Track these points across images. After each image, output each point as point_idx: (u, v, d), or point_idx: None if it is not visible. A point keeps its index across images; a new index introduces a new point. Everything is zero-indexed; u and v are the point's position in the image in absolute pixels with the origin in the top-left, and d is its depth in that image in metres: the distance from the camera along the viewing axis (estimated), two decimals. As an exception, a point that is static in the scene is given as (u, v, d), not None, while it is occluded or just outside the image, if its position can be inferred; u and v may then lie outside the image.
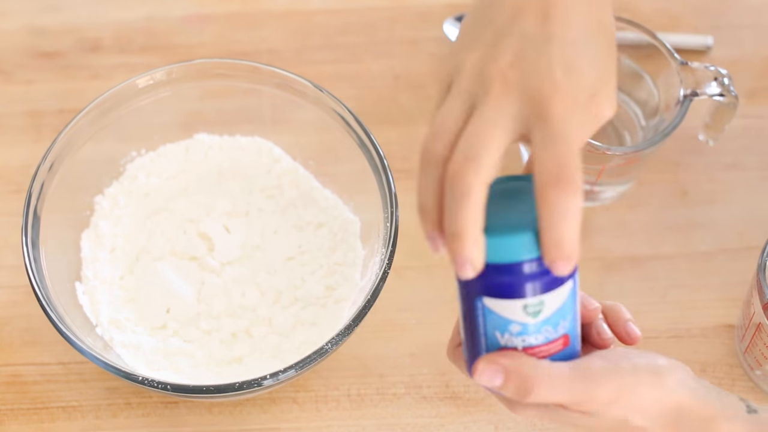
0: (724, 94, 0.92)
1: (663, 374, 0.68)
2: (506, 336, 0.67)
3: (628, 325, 0.72)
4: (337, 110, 0.92)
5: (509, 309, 0.66)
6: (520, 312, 0.66)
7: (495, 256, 0.64)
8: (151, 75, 0.93)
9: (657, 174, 1.01)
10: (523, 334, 0.67)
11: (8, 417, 0.91)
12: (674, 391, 0.68)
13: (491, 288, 0.65)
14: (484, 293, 0.66)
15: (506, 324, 0.66)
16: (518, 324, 0.66)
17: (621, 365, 0.67)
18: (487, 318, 0.66)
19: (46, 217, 0.89)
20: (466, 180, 0.62)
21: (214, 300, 0.92)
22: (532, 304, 0.66)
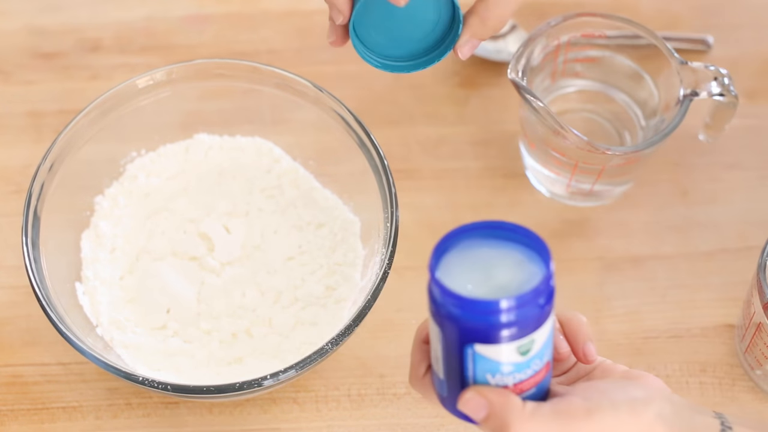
0: (724, 94, 0.92)
1: (640, 409, 0.67)
2: (497, 376, 0.66)
3: (587, 346, 0.72)
4: (337, 110, 0.92)
5: (503, 352, 0.65)
6: (513, 353, 0.65)
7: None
8: (151, 75, 0.93)
9: (657, 174, 1.01)
10: (514, 372, 0.66)
11: (8, 417, 0.91)
12: (651, 425, 0.67)
13: (484, 336, 0.65)
14: (476, 341, 0.65)
15: (498, 366, 0.66)
16: (510, 365, 0.66)
17: (601, 405, 0.67)
18: (477, 363, 0.66)
19: (47, 218, 0.89)
20: None
21: (215, 300, 0.92)
22: (524, 344, 0.65)
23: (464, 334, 0.65)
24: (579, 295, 0.96)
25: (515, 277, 0.65)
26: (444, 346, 0.66)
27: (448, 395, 0.68)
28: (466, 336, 0.65)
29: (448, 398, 0.68)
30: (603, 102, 1.01)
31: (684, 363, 0.94)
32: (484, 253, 0.66)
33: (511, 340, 0.64)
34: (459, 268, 0.65)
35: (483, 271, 0.65)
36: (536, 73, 0.97)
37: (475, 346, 0.65)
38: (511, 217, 0.99)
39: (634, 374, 0.70)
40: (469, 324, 0.64)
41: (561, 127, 0.90)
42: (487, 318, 0.64)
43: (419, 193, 1.00)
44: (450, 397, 0.68)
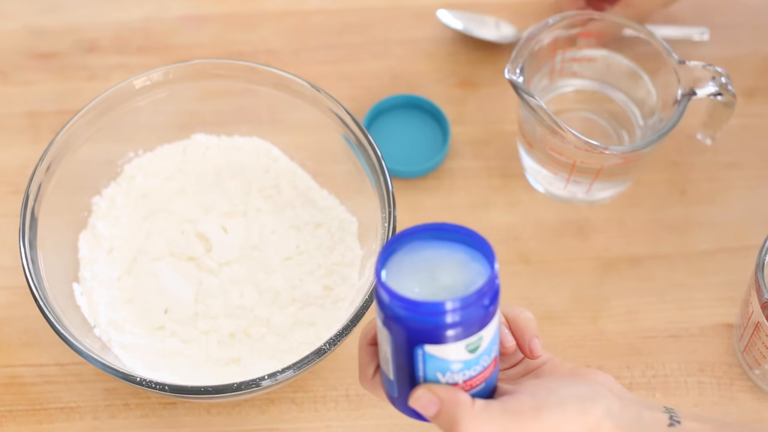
0: (722, 93, 0.92)
1: (588, 407, 0.68)
2: (447, 374, 0.67)
3: (533, 341, 0.72)
4: (334, 110, 0.92)
5: (453, 351, 0.66)
6: (462, 351, 0.66)
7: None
8: (149, 75, 0.93)
9: (655, 173, 1.01)
10: (464, 370, 0.67)
11: (6, 418, 0.91)
12: (599, 423, 0.68)
13: (433, 337, 0.65)
14: (426, 342, 0.65)
15: (447, 365, 0.67)
16: (459, 362, 0.67)
17: (548, 402, 0.68)
18: (427, 363, 0.67)
19: (44, 218, 0.89)
20: None
21: (212, 300, 0.92)
22: (473, 342, 0.66)
23: (413, 335, 0.65)
24: (577, 294, 0.96)
25: (461, 277, 0.66)
26: (393, 348, 0.67)
27: (399, 395, 0.69)
28: (415, 338, 0.65)
29: (399, 398, 0.69)
30: (601, 101, 1.01)
31: (682, 362, 0.94)
32: (429, 255, 0.67)
33: (459, 339, 0.65)
34: (405, 270, 0.66)
35: (429, 272, 0.66)
36: (534, 72, 0.97)
37: (424, 346, 0.66)
38: (511, 217, 0.99)
39: (582, 371, 0.71)
40: (418, 326, 0.65)
41: (559, 127, 0.90)
42: (435, 319, 0.64)
43: (417, 193, 1.00)
44: (400, 397, 0.69)
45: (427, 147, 1.02)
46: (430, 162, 1.00)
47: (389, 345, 0.67)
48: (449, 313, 0.64)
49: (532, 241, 0.99)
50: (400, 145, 1.02)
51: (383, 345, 0.68)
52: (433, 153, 1.01)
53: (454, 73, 1.06)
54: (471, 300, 0.64)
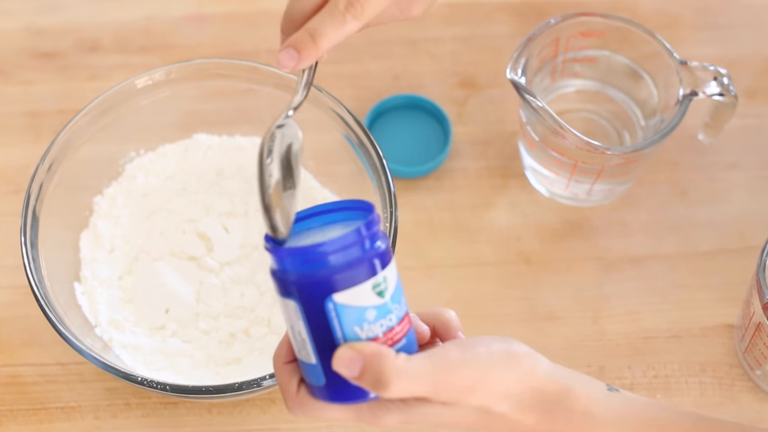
0: (724, 94, 0.92)
1: (518, 357, 0.68)
2: (365, 326, 0.67)
3: (459, 335, 0.72)
4: (336, 110, 0.92)
5: (361, 295, 0.66)
6: (370, 294, 0.66)
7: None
8: (150, 75, 0.93)
9: (656, 174, 1.01)
10: (380, 318, 0.67)
11: (7, 418, 0.91)
12: (531, 371, 0.68)
13: (337, 280, 0.66)
14: (333, 290, 0.66)
15: (363, 313, 0.66)
16: (373, 309, 0.67)
17: (477, 351, 0.67)
18: (342, 316, 0.66)
19: (45, 218, 0.89)
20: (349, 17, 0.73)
21: (213, 300, 0.92)
22: (378, 282, 0.67)
23: (319, 287, 0.66)
24: (578, 294, 0.96)
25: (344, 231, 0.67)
26: (305, 319, 0.67)
27: (327, 378, 0.68)
28: (321, 289, 0.66)
29: (327, 382, 0.68)
30: (602, 102, 1.01)
31: (683, 363, 0.94)
32: (315, 230, 0.70)
33: (362, 279, 0.66)
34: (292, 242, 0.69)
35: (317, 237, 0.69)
36: (535, 72, 0.97)
37: (333, 297, 0.66)
38: (512, 217, 0.99)
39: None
40: (319, 273, 0.66)
41: (560, 127, 0.90)
42: (330, 260, 0.66)
43: (418, 192, 1.00)
44: (329, 379, 0.68)
45: (429, 147, 1.02)
46: (432, 162, 1.00)
47: (301, 320, 0.67)
48: (340, 250, 0.66)
49: (533, 241, 0.98)
50: (402, 145, 1.02)
51: (296, 326, 0.67)
52: (435, 153, 1.01)
53: (455, 74, 1.06)
54: (355, 235, 0.66)
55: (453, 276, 0.97)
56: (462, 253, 0.98)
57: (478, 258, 0.98)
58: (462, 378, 0.67)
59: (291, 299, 0.67)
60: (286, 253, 0.67)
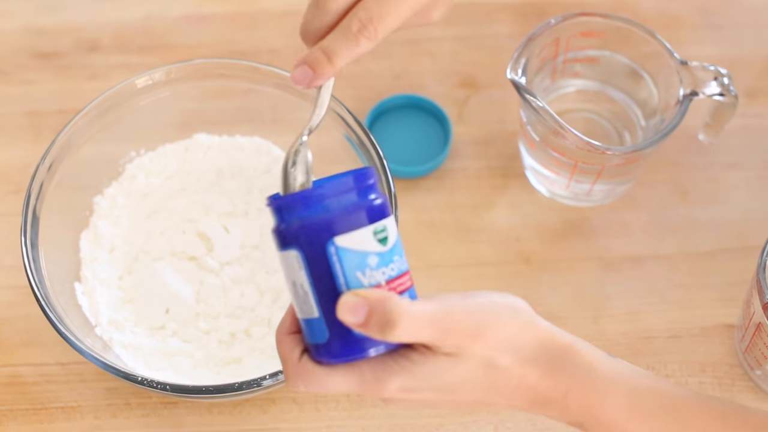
0: (724, 94, 0.92)
1: (519, 309, 0.69)
2: (368, 272, 0.66)
3: None
4: (336, 110, 0.92)
5: (363, 240, 0.66)
6: (372, 240, 0.66)
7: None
8: (150, 75, 0.93)
9: (657, 174, 1.01)
10: (382, 266, 0.67)
11: (7, 417, 0.91)
12: (532, 322, 0.69)
13: (339, 223, 0.66)
14: (334, 233, 0.66)
15: (365, 258, 0.66)
16: (375, 255, 0.66)
17: (478, 300, 0.67)
18: (344, 260, 0.66)
19: (45, 218, 0.89)
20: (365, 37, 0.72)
21: (213, 300, 0.92)
22: (379, 229, 0.67)
23: (320, 230, 0.66)
24: (578, 294, 0.96)
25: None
26: (308, 267, 0.66)
27: (330, 333, 0.67)
28: (323, 232, 0.66)
29: (331, 338, 0.67)
30: (603, 102, 1.01)
31: (683, 363, 0.94)
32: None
33: (363, 223, 0.66)
34: None
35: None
36: (536, 72, 0.97)
37: (335, 240, 0.66)
38: (512, 217, 0.99)
39: None
40: (320, 216, 0.66)
41: (561, 127, 0.90)
42: (332, 201, 0.66)
43: (419, 192, 1.00)
44: (332, 333, 0.67)
45: (429, 147, 1.02)
46: (432, 162, 1.00)
47: (303, 269, 0.66)
48: (341, 192, 0.66)
49: (533, 241, 0.98)
50: (402, 145, 1.02)
51: (298, 279, 0.67)
52: (435, 153, 1.01)
53: (456, 74, 1.06)
54: (353, 180, 0.67)
55: (453, 276, 0.97)
56: (462, 253, 0.98)
57: (478, 258, 0.98)
58: (466, 324, 0.66)
59: (292, 249, 0.66)
60: (288, 201, 0.67)
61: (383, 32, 0.73)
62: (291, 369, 0.68)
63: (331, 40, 0.73)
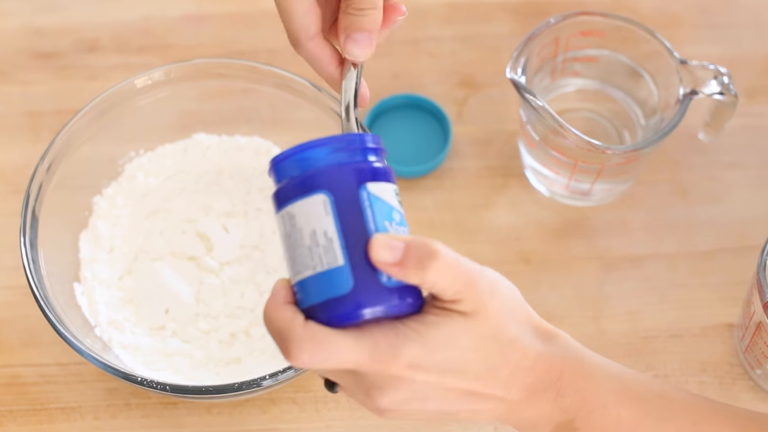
0: (724, 93, 0.92)
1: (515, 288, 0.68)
2: (394, 226, 0.65)
3: None
4: (336, 110, 0.92)
5: (388, 193, 0.65)
6: (394, 197, 0.66)
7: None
8: (149, 75, 0.93)
9: (657, 173, 1.01)
10: (403, 225, 0.66)
11: (7, 418, 0.91)
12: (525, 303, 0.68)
13: (373, 171, 0.65)
14: (367, 179, 0.65)
15: (390, 210, 0.65)
16: (397, 211, 0.66)
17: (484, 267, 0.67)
18: (375, 206, 0.64)
19: (45, 218, 0.89)
20: None
21: (213, 300, 0.92)
22: (398, 191, 0.67)
23: (356, 174, 0.65)
24: (578, 294, 0.96)
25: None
26: (337, 211, 0.64)
27: (355, 279, 0.64)
28: (358, 175, 0.65)
29: (356, 285, 0.64)
30: (602, 101, 1.01)
31: (684, 362, 0.93)
32: None
33: (388, 179, 0.66)
34: None
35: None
36: (535, 72, 0.97)
37: (367, 185, 0.65)
38: (512, 217, 0.99)
39: None
40: (358, 161, 0.65)
41: (560, 127, 0.89)
42: (368, 150, 0.66)
43: (418, 192, 1.00)
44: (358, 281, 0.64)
45: (429, 147, 1.02)
46: (432, 162, 1.00)
47: (330, 213, 0.64)
48: (373, 144, 0.66)
49: (533, 240, 0.98)
50: (402, 145, 1.02)
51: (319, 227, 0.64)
52: (435, 153, 1.01)
53: (455, 73, 1.06)
54: (379, 140, 0.67)
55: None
56: (462, 253, 0.96)
57: (477, 257, 0.96)
58: (486, 280, 0.66)
59: (320, 193, 0.64)
60: (324, 144, 0.65)
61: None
62: (296, 334, 0.63)
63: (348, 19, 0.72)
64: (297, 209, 0.65)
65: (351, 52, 0.72)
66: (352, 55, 0.72)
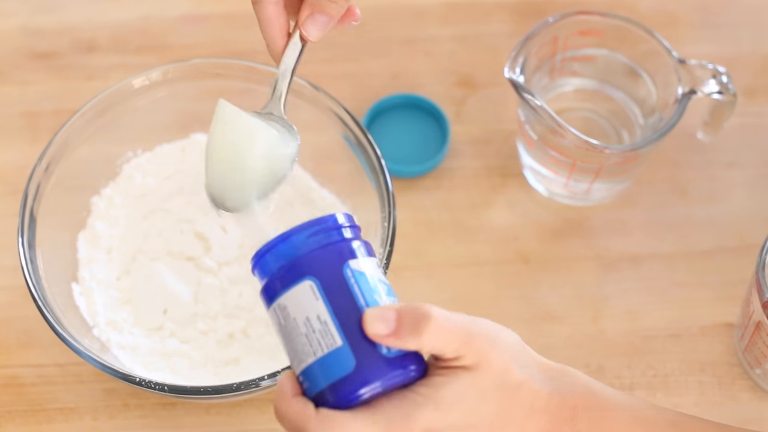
0: (723, 92, 0.92)
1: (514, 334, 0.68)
2: (383, 297, 0.66)
3: None
4: (334, 110, 0.92)
5: (371, 266, 0.66)
6: (377, 270, 0.67)
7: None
8: (147, 75, 0.93)
9: (655, 172, 1.01)
10: (390, 295, 0.67)
11: (5, 419, 0.91)
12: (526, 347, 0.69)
13: (353, 247, 0.66)
14: (349, 256, 0.66)
15: (376, 283, 0.66)
16: (383, 283, 0.67)
17: (482, 319, 0.67)
18: (360, 282, 0.65)
19: (43, 218, 0.88)
20: None
21: (211, 300, 0.92)
22: (377, 263, 0.67)
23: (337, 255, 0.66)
24: (577, 294, 0.96)
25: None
26: (326, 294, 0.65)
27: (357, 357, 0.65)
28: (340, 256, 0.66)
29: (358, 363, 0.65)
30: (601, 100, 1.01)
31: (683, 362, 0.93)
32: None
33: (369, 253, 0.67)
34: None
35: None
36: (534, 71, 0.96)
37: (349, 263, 0.66)
38: (511, 217, 0.99)
39: None
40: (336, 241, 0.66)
41: (559, 126, 0.89)
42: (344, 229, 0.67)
43: (417, 192, 1.00)
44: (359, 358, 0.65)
45: (427, 146, 1.02)
46: (430, 161, 1.00)
47: (320, 298, 0.65)
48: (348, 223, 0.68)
49: (532, 240, 0.98)
50: (400, 145, 1.01)
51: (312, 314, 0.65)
52: (433, 152, 1.01)
53: (453, 73, 1.06)
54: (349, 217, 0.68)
55: (451, 275, 0.97)
56: (460, 253, 0.98)
57: (476, 257, 0.98)
58: (484, 331, 0.66)
59: (306, 280, 0.65)
60: (300, 231, 0.66)
61: None
62: (311, 425, 0.64)
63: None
64: (287, 300, 0.66)
65: (308, 29, 0.75)
66: (307, 32, 0.75)
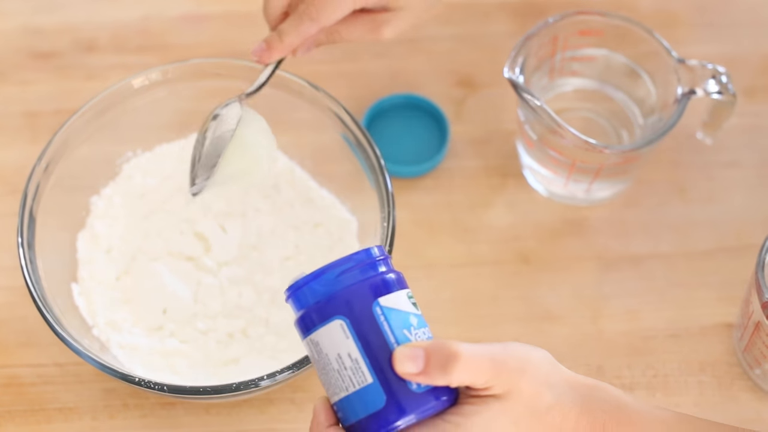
0: (722, 92, 0.92)
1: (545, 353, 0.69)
2: (413, 331, 0.67)
3: None
4: (333, 110, 0.92)
5: (401, 301, 0.67)
6: (408, 302, 0.67)
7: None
8: (147, 75, 0.93)
9: (655, 172, 1.01)
10: (422, 327, 0.67)
11: (5, 419, 0.91)
12: (557, 366, 0.69)
13: (382, 284, 0.67)
14: (378, 293, 0.67)
15: (407, 317, 0.67)
16: (414, 316, 0.67)
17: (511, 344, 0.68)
18: (390, 319, 0.66)
19: (42, 218, 0.89)
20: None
21: (211, 300, 0.92)
22: (410, 294, 0.68)
23: (366, 293, 0.67)
24: (577, 294, 0.96)
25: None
26: (356, 332, 0.66)
27: (387, 393, 0.66)
28: (368, 294, 0.66)
29: (389, 399, 0.66)
30: (601, 100, 1.01)
31: (683, 362, 0.93)
32: None
33: (398, 287, 0.67)
34: None
35: None
36: (533, 71, 0.96)
37: (379, 300, 0.66)
38: (510, 217, 0.99)
39: None
40: (364, 280, 0.67)
41: (558, 126, 0.89)
42: (372, 268, 0.67)
43: (416, 192, 1.00)
44: (390, 394, 0.66)
45: (427, 146, 1.02)
46: (430, 162, 1.00)
47: (351, 336, 0.66)
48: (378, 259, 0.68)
49: (531, 240, 0.98)
50: (400, 145, 1.01)
51: (343, 351, 0.66)
52: (433, 152, 1.01)
53: (453, 73, 1.06)
54: (382, 250, 0.69)
55: (451, 275, 0.97)
56: (460, 253, 0.98)
57: (476, 257, 0.98)
58: (513, 359, 0.66)
59: (336, 319, 0.67)
60: (333, 268, 0.67)
61: (325, 16, 0.85)
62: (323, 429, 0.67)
63: (285, 23, 0.87)
64: (319, 337, 0.67)
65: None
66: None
